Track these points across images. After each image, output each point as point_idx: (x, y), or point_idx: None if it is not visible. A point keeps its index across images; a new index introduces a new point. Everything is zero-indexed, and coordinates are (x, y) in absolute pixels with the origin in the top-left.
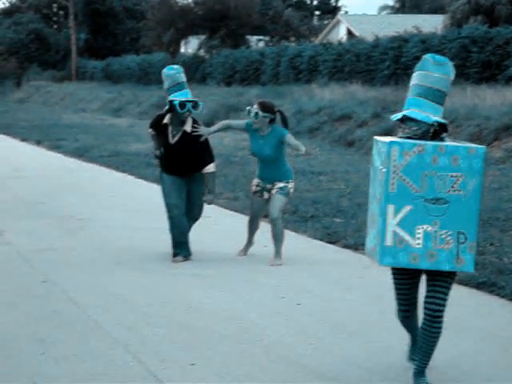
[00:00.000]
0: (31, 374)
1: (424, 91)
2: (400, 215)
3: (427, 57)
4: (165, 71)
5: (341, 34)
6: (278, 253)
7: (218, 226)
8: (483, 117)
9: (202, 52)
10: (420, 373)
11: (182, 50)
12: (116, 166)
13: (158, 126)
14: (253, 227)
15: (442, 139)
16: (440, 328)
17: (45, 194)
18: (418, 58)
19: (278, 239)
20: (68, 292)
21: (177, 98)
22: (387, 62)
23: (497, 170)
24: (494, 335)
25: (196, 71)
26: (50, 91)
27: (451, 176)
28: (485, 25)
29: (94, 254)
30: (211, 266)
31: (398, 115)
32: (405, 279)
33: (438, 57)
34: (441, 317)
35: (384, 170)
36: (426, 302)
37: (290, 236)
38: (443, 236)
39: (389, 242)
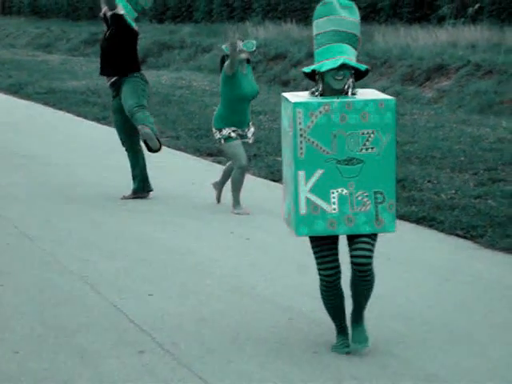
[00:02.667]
0: None
1: (345, 37)
2: (312, 181)
3: (334, 0)
4: None
5: None
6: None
7: (164, 164)
8: (416, 57)
9: None
10: (359, 321)
11: None
12: (53, 103)
13: None
14: (242, 181)
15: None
16: (372, 280)
17: None
18: None
19: (239, 187)
20: (19, 227)
21: None
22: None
23: (431, 110)
24: (436, 267)
25: None
26: None
27: (362, 133)
28: None
29: (40, 190)
30: (160, 202)
31: (334, 63)
32: (325, 243)
33: (343, 0)
34: (370, 269)
35: (291, 133)
36: (352, 257)
37: None
38: (360, 198)
39: (303, 210)
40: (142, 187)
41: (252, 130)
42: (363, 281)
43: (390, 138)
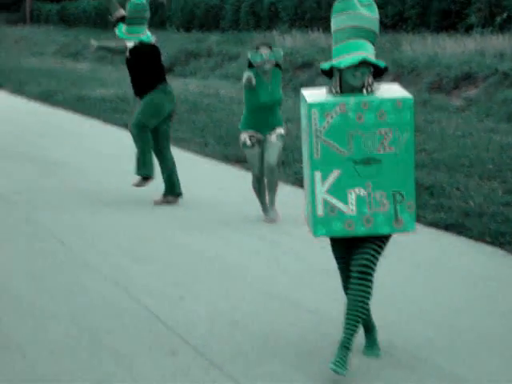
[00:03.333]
0: (30, 307)
1: (364, 34)
2: (329, 181)
3: None
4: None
5: None
6: (273, 203)
7: (193, 170)
8: (443, 65)
9: None
10: (346, 346)
11: None
12: (82, 110)
13: None
14: (261, 187)
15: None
16: (369, 288)
17: (14, 138)
18: (379, 6)
19: (273, 189)
20: (52, 231)
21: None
22: None
23: (459, 118)
24: (464, 273)
25: (154, 16)
26: (3, 34)
27: (380, 133)
28: None
29: (71, 196)
30: (190, 208)
31: (354, 60)
32: (343, 247)
33: None
34: (370, 274)
35: (307, 133)
36: (352, 260)
37: None
38: (378, 198)
39: (320, 211)
40: (169, 191)
41: (280, 130)
42: (359, 284)
43: (408, 136)
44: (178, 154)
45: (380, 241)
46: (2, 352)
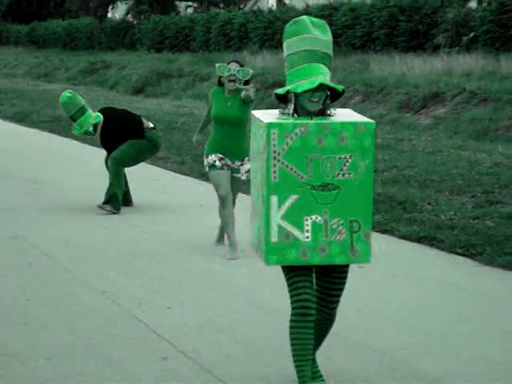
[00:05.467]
0: (24, 318)
1: (319, 57)
2: (285, 207)
3: (305, 19)
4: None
5: (270, 1)
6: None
7: (172, 188)
8: (412, 85)
9: (130, 17)
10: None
11: (110, 15)
12: (59, 131)
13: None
14: (228, 215)
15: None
16: (333, 320)
17: None
18: (347, 27)
19: (223, 221)
20: (39, 247)
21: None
22: None
23: (429, 136)
24: (437, 283)
25: (124, 37)
26: None
27: (339, 158)
28: None
29: (55, 213)
30: (171, 223)
31: (311, 84)
32: (299, 271)
33: (314, 19)
34: (336, 307)
35: (264, 155)
36: (320, 295)
37: None
38: (334, 226)
39: (274, 238)
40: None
41: (247, 166)
42: (329, 320)
43: (368, 163)
44: (156, 172)
45: (344, 273)
46: (1, 359)
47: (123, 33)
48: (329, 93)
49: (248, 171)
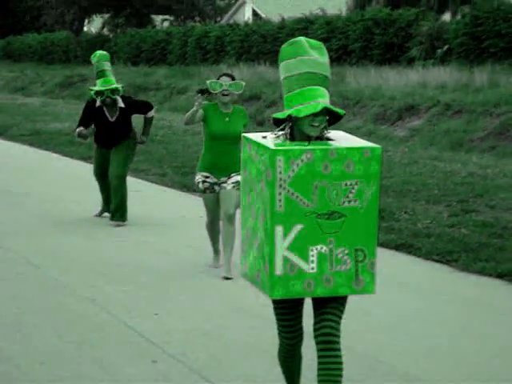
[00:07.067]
0: (17, 325)
1: (319, 80)
2: (290, 237)
3: (302, 40)
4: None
5: (247, 14)
6: (229, 262)
7: (154, 199)
8: (387, 97)
9: (105, 31)
10: None
11: (86, 28)
12: (39, 144)
13: (91, 111)
14: (214, 232)
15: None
16: (339, 357)
17: None
18: (323, 40)
19: (229, 244)
20: (27, 257)
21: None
22: None
23: (405, 147)
24: (415, 288)
25: (100, 50)
26: None
27: (345, 184)
28: (387, 7)
29: (40, 225)
30: (154, 233)
31: (315, 108)
32: (290, 307)
33: (311, 40)
34: (337, 342)
35: (266, 181)
36: (317, 329)
37: None
38: (340, 255)
39: (279, 270)
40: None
41: (236, 178)
42: (329, 356)
43: (374, 189)
44: (138, 184)
45: (342, 299)
46: None
47: (99, 46)
48: (328, 117)
49: (235, 182)
